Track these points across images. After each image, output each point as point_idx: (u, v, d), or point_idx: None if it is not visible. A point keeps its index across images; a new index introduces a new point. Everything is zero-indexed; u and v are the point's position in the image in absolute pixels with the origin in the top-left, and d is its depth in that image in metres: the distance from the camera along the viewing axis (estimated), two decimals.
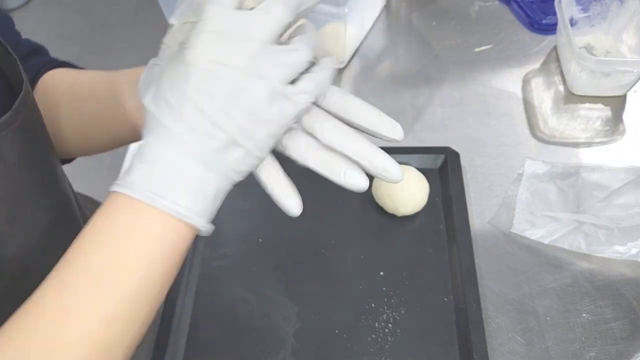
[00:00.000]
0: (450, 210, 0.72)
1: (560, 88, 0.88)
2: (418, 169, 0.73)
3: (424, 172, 0.74)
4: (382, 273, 0.69)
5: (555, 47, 0.93)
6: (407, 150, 0.76)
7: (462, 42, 0.96)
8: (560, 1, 0.83)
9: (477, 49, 0.95)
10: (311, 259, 0.70)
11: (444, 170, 0.76)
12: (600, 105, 0.86)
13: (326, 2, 0.83)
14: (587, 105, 0.86)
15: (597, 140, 0.82)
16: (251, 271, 0.70)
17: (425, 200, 0.72)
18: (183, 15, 0.44)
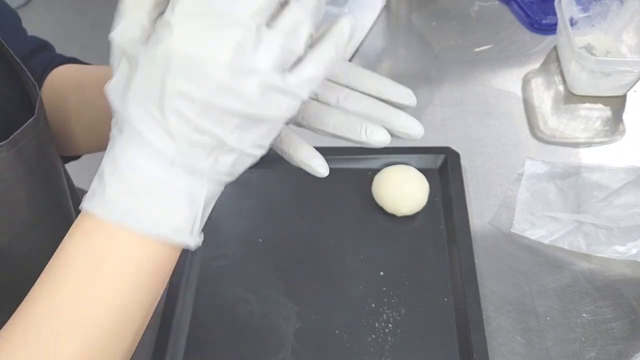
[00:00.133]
0: (450, 210, 0.72)
1: (560, 88, 0.88)
2: (418, 169, 0.73)
3: (424, 172, 0.73)
4: (382, 273, 0.69)
5: (555, 47, 0.93)
6: (407, 150, 0.76)
7: (462, 42, 0.96)
8: (560, 1, 0.83)
9: (477, 49, 0.95)
10: (311, 259, 0.70)
11: (444, 170, 0.76)
12: (600, 105, 0.86)
13: (326, 2, 0.83)
14: (587, 105, 0.86)
15: (597, 140, 0.82)
16: (251, 271, 0.70)
17: (425, 200, 0.72)
18: None
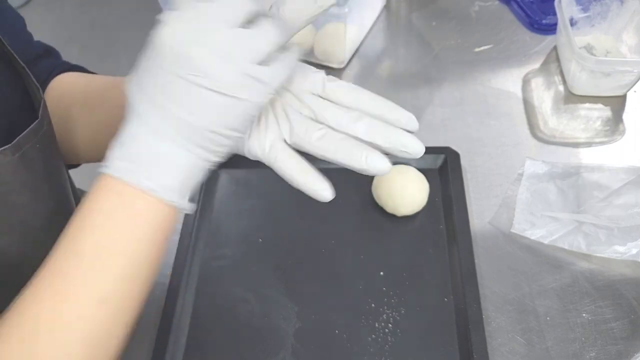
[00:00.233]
0: (450, 210, 0.72)
1: (560, 88, 0.88)
2: (418, 169, 0.73)
3: (424, 172, 0.73)
4: (382, 273, 0.69)
5: (555, 47, 0.93)
6: None
7: (462, 42, 0.96)
8: (560, 1, 0.83)
9: (477, 49, 0.95)
10: (311, 259, 0.70)
11: (444, 170, 0.76)
12: (600, 105, 0.86)
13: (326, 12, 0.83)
14: (587, 105, 0.86)
15: (597, 140, 0.82)
16: (251, 271, 0.70)
17: (425, 200, 0.72)
18: None
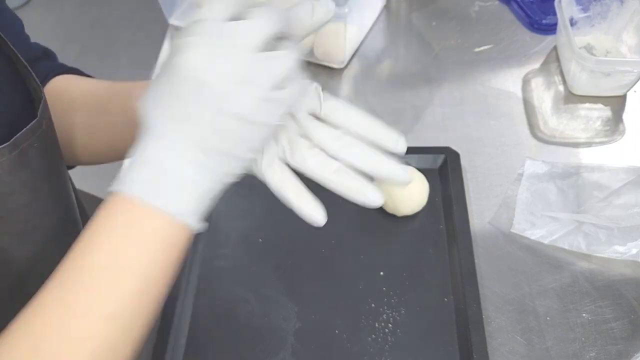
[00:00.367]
0: (450, 210, 0.72)
1: (560, 88, 0.88)
2: (418, 169, 0.73)
3: (424, 172, 0.73)
4: (382, 273, 0.69)
5: (555, 47, 0.93)
6: (407, 150, 0.75)
7: (462, 42, 0.96)
8: (560, 1, 0.83)
9: (477, 49, 0.95)
10: (311, 259, 0.70)
11: (444, 170, 0.76)
12: (600, 105, 0.86)
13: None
14: (587, 105, 0.86)
15: (597, 140, 0.82)
16: (251, 271, 0.70)
17: (425, 200, 0.72)
18: (184, 16, 0.44)
